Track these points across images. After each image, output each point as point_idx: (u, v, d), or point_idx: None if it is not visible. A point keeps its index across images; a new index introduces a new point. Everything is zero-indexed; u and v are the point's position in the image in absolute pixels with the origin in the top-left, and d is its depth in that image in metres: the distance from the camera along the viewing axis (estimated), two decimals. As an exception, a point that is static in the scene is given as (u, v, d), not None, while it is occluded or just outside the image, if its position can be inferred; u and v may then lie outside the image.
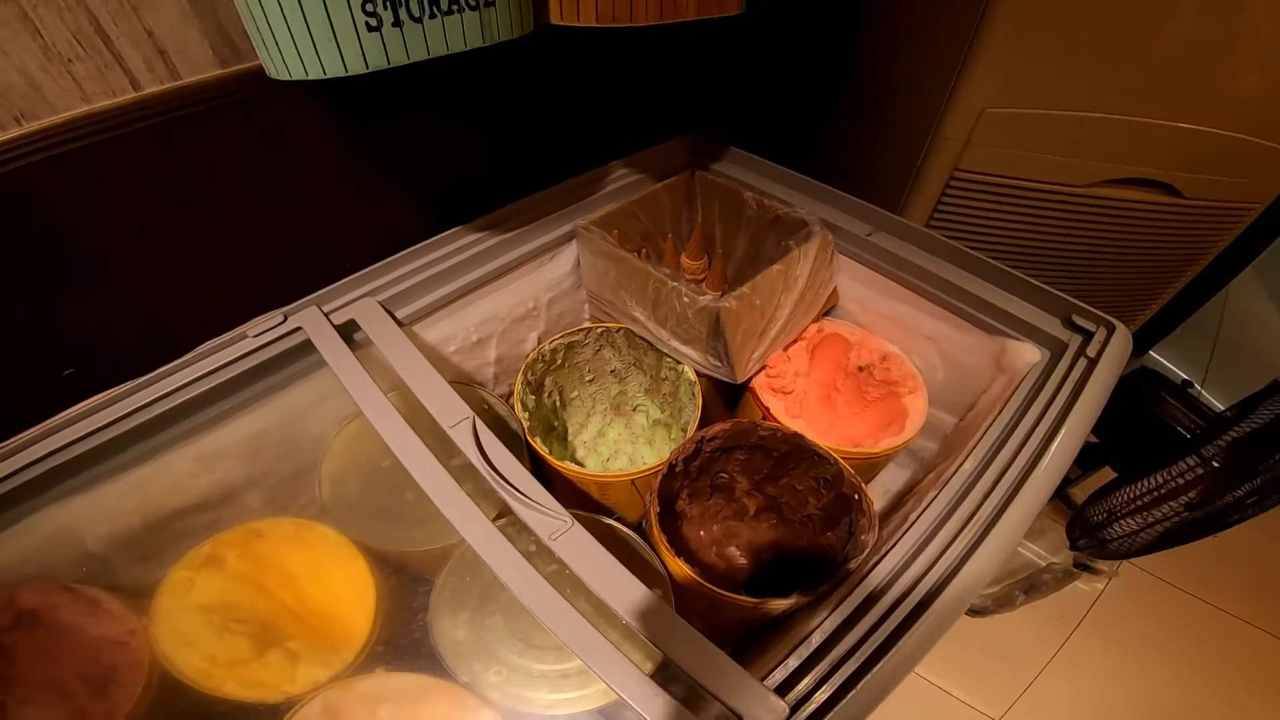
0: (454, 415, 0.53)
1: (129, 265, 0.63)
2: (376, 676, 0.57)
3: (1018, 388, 0.58)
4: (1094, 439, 1.15)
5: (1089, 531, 1.10)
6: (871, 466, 0.69)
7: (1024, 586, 1.23)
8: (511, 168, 0.79)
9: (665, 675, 0.42)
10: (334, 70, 0.45)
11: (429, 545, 0.61)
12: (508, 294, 0.74)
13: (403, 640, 0.65)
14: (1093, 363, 0.57)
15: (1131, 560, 1.35)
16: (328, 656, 0.59)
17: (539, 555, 0.46)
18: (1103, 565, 1.28)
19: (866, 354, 0.70)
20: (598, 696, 0.54)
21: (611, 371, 0.81)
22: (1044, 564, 1.22)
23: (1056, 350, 0.60)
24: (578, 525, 0.46)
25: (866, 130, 0.87)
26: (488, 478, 0.49)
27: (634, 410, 0.85)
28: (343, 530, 0.63)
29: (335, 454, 0.68)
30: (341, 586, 0.63)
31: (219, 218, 0.65)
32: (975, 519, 0.47)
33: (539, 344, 0.74)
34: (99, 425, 0.61)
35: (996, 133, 0.75)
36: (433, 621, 0.59)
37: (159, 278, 0.65)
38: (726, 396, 0.78)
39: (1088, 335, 0.59)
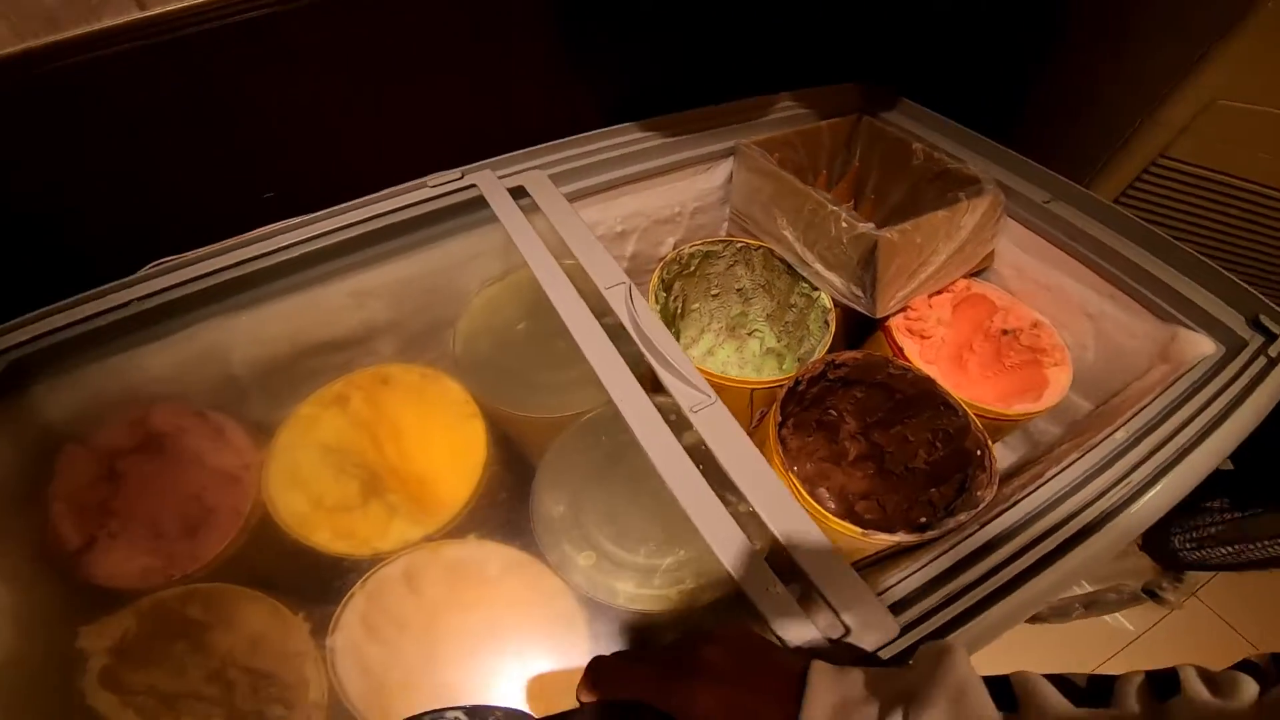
0: (611, 279, 0.55)
1: (336, 120, 0.67)
2: (466, 543, 0.59)
3: (1180, 378, 0.55)
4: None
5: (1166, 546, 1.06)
6: (995, 430, 0.67)
7: (1085, 601, 1.19)
8: (685, 82, 0.79)
9: (780, 569, 0.42)
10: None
11: (551, 413, 0.63)
12: (657, 194, 0.75)
13: (500, 510, 0.67)
14: (1272, 363, 0.53)
15: (1199, 597, 1.29)
16: (423, 515, 0.61)
17: (677, 426, 0.48)
18: (1170, 596, 1.22)
19: (1014, 319, 0.67)
20: (680, 598, 0.55)
21: (738, 289, 0.81)
22: (1112, 583, 1.18)
23: (1234, 347, 0.56)
24: (720, 402, 0.47)
25: (1063, 101, 0.81)
26: (637, 340, 0.50)
27: (749, 334, 0.85)
28: (466, 386, 0.67)
29: (473, 312, 0.72)
30: (452, 445, 0.65)
31: (424, 88, 0.68)
32: (1123, 484, 0.46)
33: (675, 248, 0.75)
34: (276, 247, 0.66)
35: (1221, 126, 0.69)
36: (534, 494, 0.61)
37: (361, 132, 0.69)
38: (852, 336, 0.77)
39: (1272, 338, 0.55)
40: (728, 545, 0.42)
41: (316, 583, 0.60)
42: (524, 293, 0.73)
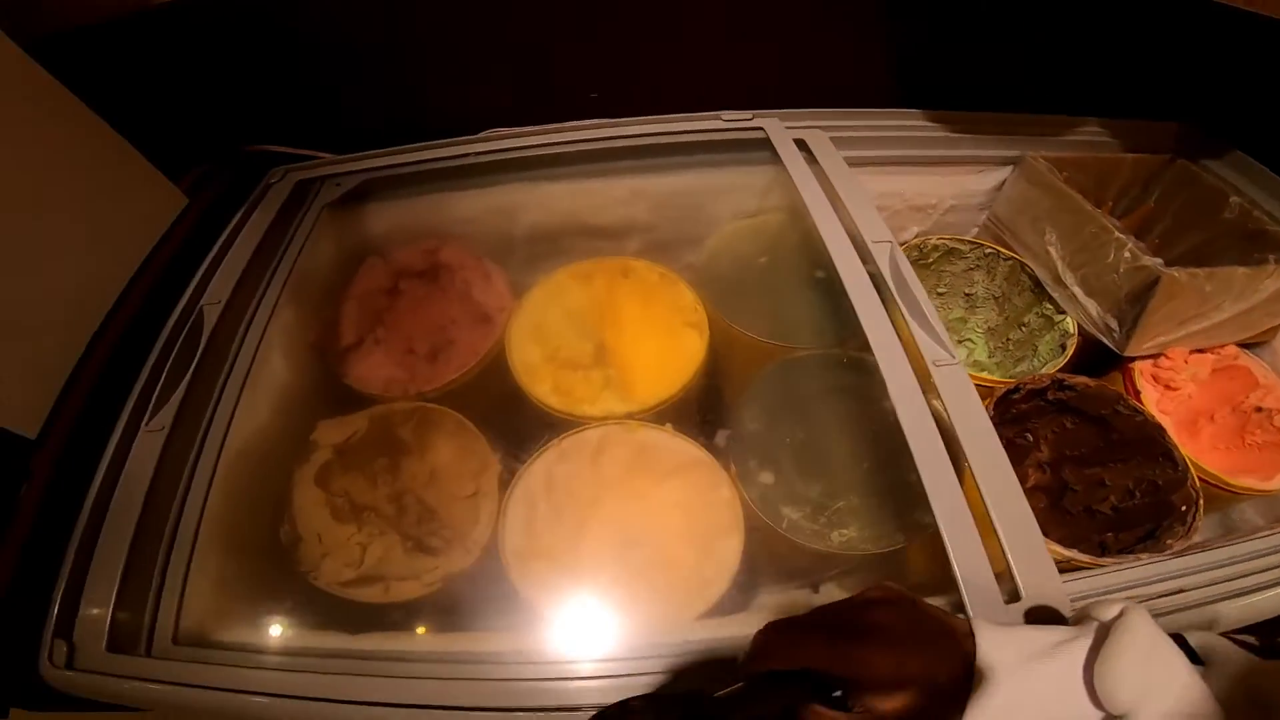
0: (878, 235, 0.59)
1: (657, 45, 0.76)
2: (660, 431, 0.64)
3: None
4: None
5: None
6: (1208, 500, 0.64)
7: None
8: (982, 81, 0.79)
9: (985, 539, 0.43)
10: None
11: (771, 339, 0.68)
12: (921, 182, 0.78)
13: (700, 412, 0.73)
14: None
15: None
16: (632, 395, 0.68)
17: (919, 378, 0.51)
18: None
19: (1273, 400, 0.63)
20: (837, 542, 0.58)
21: (967, 294, 0.82)
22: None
23: None
24: (960, 365, 0.50)
25: None
26: (894, 289, 0.54)
27: (959, 342, 0.86)
28: (699, 295, 0.73)
29: (722, 236, 0.79)
30: (673, 342, 0.72)
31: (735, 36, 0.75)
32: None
33: (919, 236, 0.77)
34: (584, 137, 0.77)
35: None
36: (738, 406, 0.66)
37: (673, 59, 0.78)
38: (1078, 369, 0.75)
39: None
40: (943, 498, 0.44)
41: (521, 430, 0.69)
42: (770, 232, 0.79)
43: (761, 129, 0.73)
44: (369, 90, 0.83)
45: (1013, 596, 0.41)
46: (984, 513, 0.44)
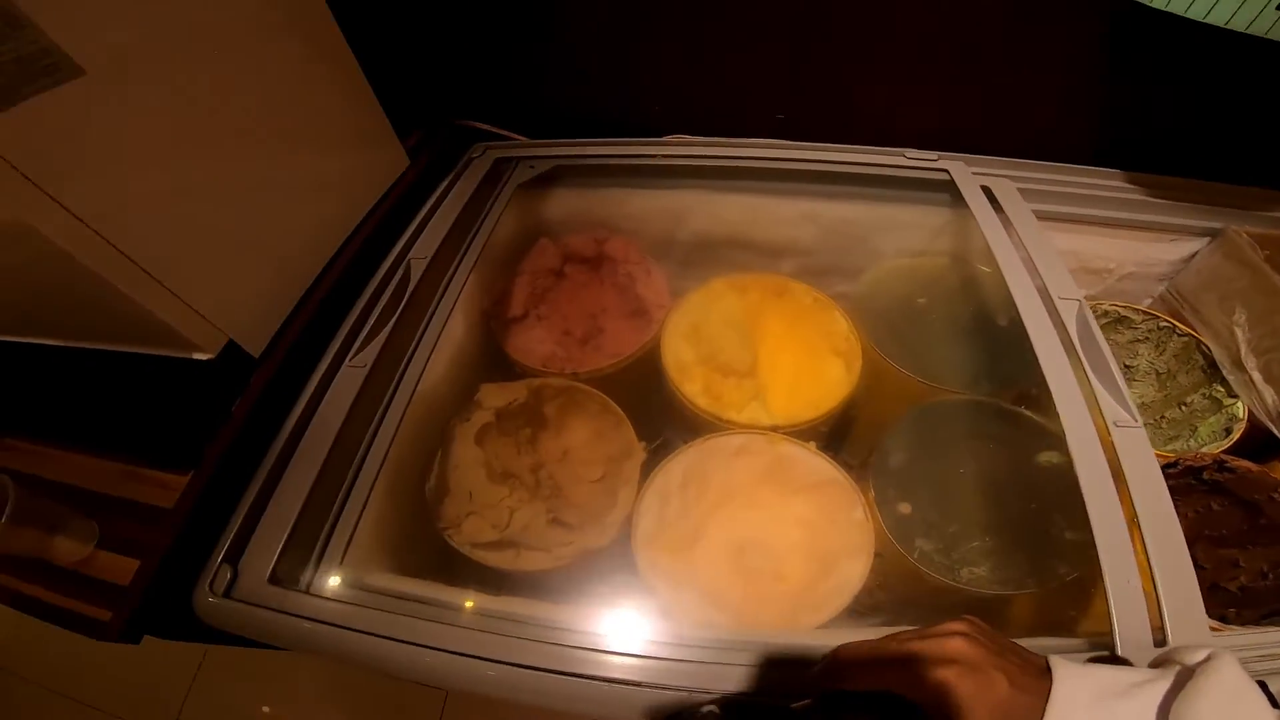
0: (1066, 291, 0.60)
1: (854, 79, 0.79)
2: (802, 447, 0.66)
3: None
4: None
5: None
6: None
7: None
8: (1201, 143, 0.77)
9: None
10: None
11: (924, 378, 0.69)
12: (1100, 243, 0.76)
13: (844, 438, 0.77)
14: None
15: None
16: (779, 409, 0.71)
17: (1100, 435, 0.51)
18: None
19: None
20: (965, 579, 0.58)
21: (1127, 366, 0.80)
22: None
23: None
24: (1142, 429, 0.51)
25: None
26: (1080, 349, 0.55)
27: (1108, 414, 0.84)
28: (853, 324, 0.76)
29: (882, 270, 0.81)
30: (824, 366, 0.74)
31: (933, 78, 0.77)
32: None
33: (1088, 299, 0.76)
34: (763, 155, 0.80)
35: None
36: (884, 436, 0.67)
37: (871, 94, 0.80)
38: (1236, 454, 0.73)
39: None
40: (1116, 551, 0.45)
41: (664, 423, 0.74)
42: (933, 274, 0.80)
43: (946, 171, 0.74)
44: (573, 80, 0.89)
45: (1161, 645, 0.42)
46: (1147, 567, 0.45)
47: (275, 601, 0.50)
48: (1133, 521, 0.47)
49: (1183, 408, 0.74)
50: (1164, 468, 0.62)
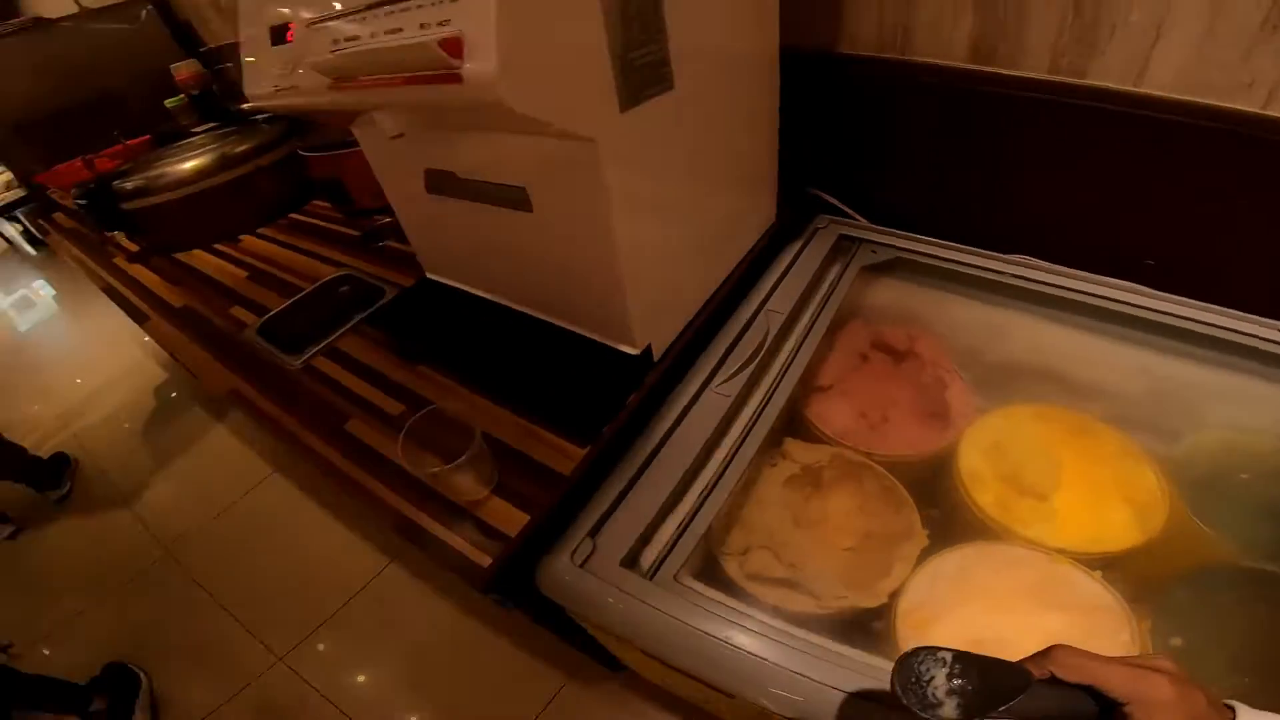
0: None
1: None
2: (1086, 574, 0.67)
3: None
4: None
5: None
6: None
7: None
8: None
9: None
10: None
11: (1246, 550, 0.68)
12: None
13: (1132, 582, 0.72)
14: None
15: None
16: (1067, 537, 0.72)
17: None
18: None
19: None
20: None
21: None
22: None
23: None
24: None
25: None
26: None
27: None
28: (1167, 483, 0.76)
29: (1203, 437, 0.80)
30: (1119, 510, 0.75)
31: None
32: None
33: None
34: (1109, 295, 0.82)
35: None
36: (1174, 581, 0.68)
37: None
38: None
39: None
40: None
41: (944, 519, 0.78)
42: (1263, 454, 0.78)
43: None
44: (925, 176, 0.95)
45: None
46: None
47: (624, 583, 0.59)
48: None
49: None
50: None
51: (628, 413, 0.72)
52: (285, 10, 0.61)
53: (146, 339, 2.88)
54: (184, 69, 1.97)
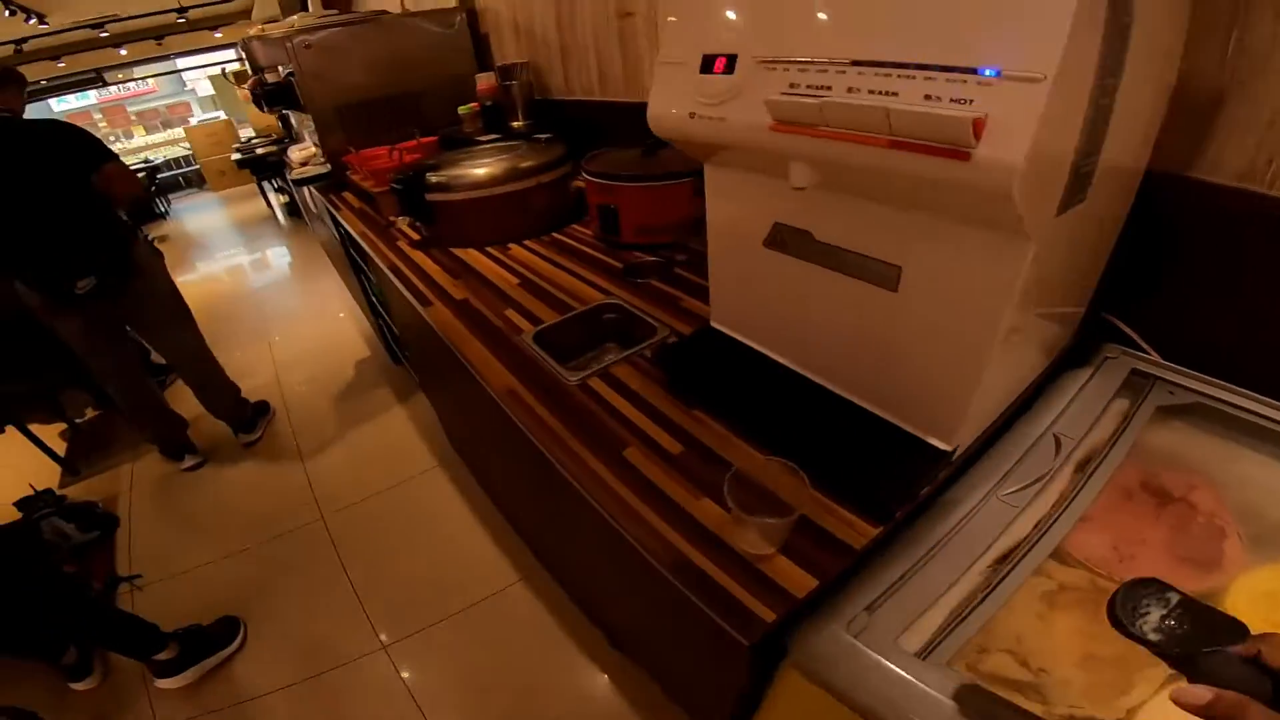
0: None
1: None
2: None
3: None
4: None
5: None
6: None
7: None
8: None
9: None
10: None
11: None
12: None
13: None
14: None
15: None
16: None
17: None
18: None
19: None
20: None
21: None
22: None
23: None
24: None
25: None
26: None
27: None
28: None
29: None
30: None
31: None
32: None
33: None
34: None
35: None
36: None
37: None
38: None
39: None
40: None
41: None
42: None
43: None
44: (1248, 319, 0.88)
45: None
46: None
47: (903, 661, 0.59)
48: None
49: None
50: None
51: (920, 500, 0.72)
52: (730, 41, 0.66)
53: (359, 316, 3.27)
54: (485, 80, 2.22)
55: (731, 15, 0.67)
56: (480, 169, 1.42)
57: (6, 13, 4.57)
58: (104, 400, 2.81)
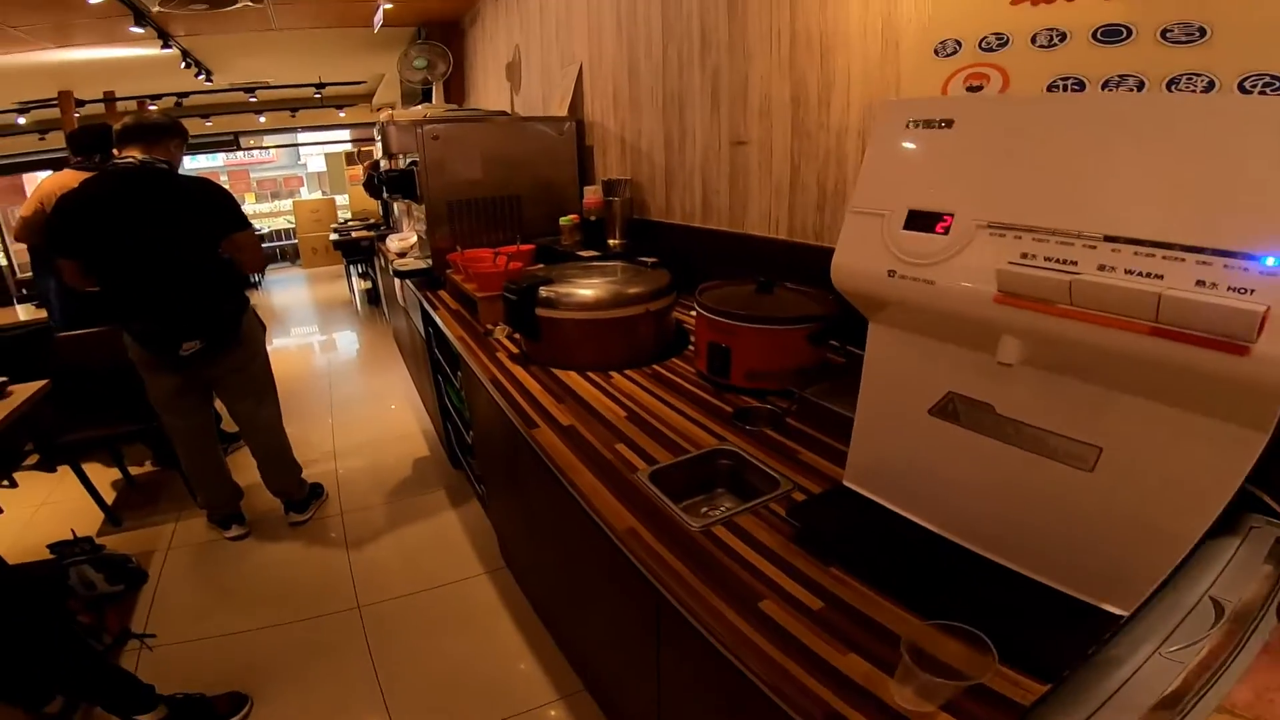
0: None
1: None
2: None
3: None
4: None
5: None
6: None
7: None
8: None
9: None
10: None
11: None
12: None
13: None
14: None
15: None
16: None
17: None
18: None
19: None
20: None
21: None
22: None
23: None
24: None
25: None
26: None
27: None
28: None
29: None
30: None
31: None
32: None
33: None
34: None
35: None
36: None
37: None
38: None
39: None
40: None
41: None
42: None
43: None
44: None
45: None
46: None
47: None
48: None
49: None
50: None
51: (1084, 661, 0.66)
52: (946, 197, 0.63)
53: (421, 413, 3.29)
54: (593, 193, 2.28)
55: (950, 168, 0.64)
56: (590, 289, 1.43)
57: (183, 65, 4.96)
58: (165, 458, 2.84)
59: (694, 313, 1.36)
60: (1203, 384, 0.51)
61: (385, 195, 2.49)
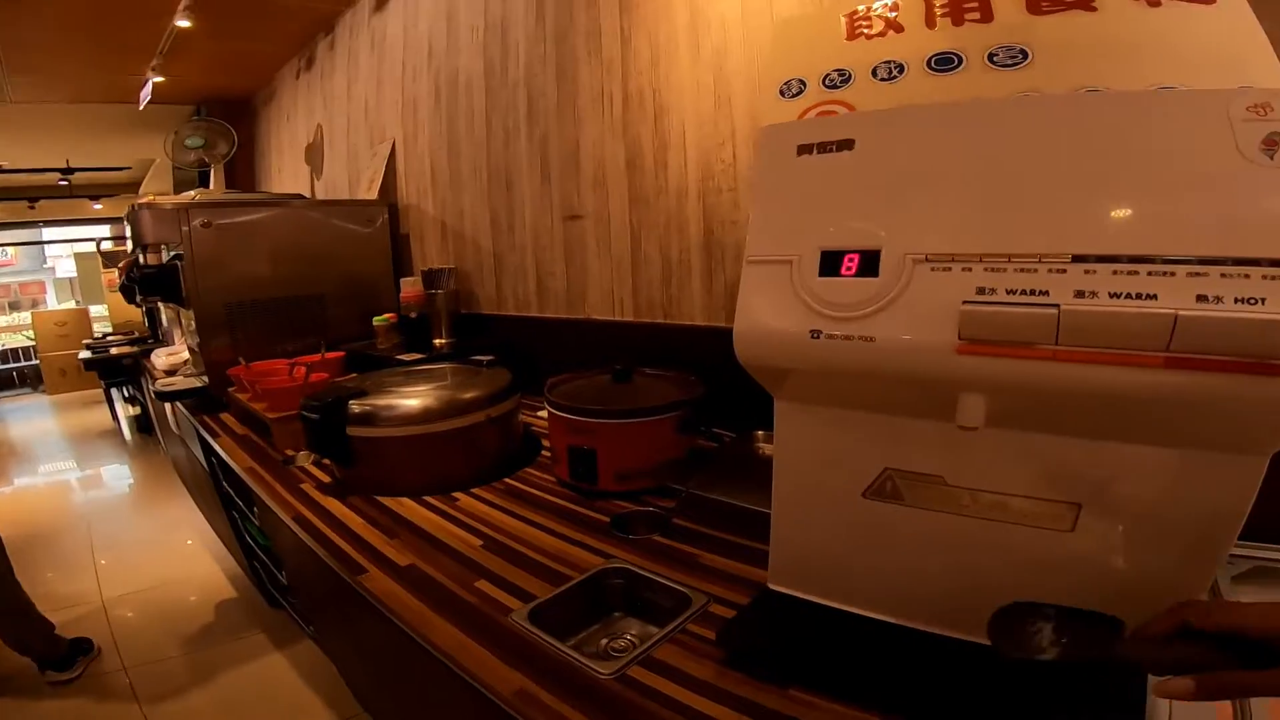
0: None
1: None
2: None
3: None
4: None
5: None
6: None
7: None
8: None
9: None
10: None
11: None
12: None
13: None
14: None
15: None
16: None
17: None
18: None
19: None
20: None
21: None
22: None
23: None
24: None
25: None
26: None
27: None
28: None
29: None
30: None
31: None
32: None
33: None
34: None
35: None
36: None
37: None
38: None
39: None
40: None
41: None
42: None
43: None
44: None
45: None
46: None
47: None
48: None
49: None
50: None
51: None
52: (862, 230, 0.51)
53: (223, 551, 2.67)
54: (410, 286, 1.98)
55: (864, 196, 0.53)
56: (416, 399, 1.17)
57: None
58: None
59: (544, 413, 1.16)
60: (1215, 416, 0.42)
61: (139, 299, 1.98)
